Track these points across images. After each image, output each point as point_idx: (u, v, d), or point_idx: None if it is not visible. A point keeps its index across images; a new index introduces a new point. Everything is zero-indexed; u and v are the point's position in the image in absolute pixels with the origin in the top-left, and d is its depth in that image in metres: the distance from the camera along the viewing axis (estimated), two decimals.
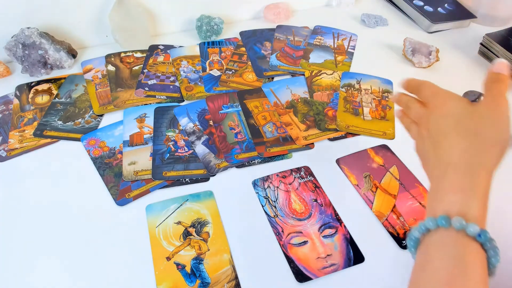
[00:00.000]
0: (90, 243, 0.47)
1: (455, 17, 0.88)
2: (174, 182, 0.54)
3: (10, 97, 0.66)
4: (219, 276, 0.45)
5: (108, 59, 0.74)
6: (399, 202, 0.53)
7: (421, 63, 0.76)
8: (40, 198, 0.52)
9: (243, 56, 0.76)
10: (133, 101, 0.66)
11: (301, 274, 0.45)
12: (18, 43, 0.67)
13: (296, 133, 0.61)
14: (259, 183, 0.55)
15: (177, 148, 0.58)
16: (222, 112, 0.64)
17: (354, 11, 0.93)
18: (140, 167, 0.55)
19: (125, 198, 0.52)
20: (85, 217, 0.50)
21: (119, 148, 0.58)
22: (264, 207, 0.52)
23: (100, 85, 0.68)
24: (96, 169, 0.55)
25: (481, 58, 0.80)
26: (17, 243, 0.47)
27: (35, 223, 0.49)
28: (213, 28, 0.79)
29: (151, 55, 0.75)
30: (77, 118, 0.63)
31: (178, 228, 0.49)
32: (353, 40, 0.82)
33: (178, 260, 0.46)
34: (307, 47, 0.79)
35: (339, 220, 0.50)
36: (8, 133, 0.60)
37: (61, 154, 0.58)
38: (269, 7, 0.87)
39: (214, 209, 0.51)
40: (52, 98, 0.66)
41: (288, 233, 0.49)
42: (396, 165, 0.58)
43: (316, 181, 0.55)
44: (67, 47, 0.72)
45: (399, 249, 0.48)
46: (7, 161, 0.56)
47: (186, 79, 0.70)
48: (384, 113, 0.66)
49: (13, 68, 0.72)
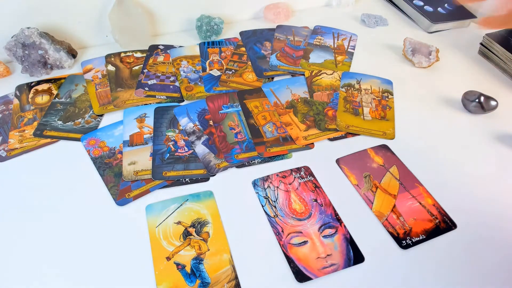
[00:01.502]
0: (90, 243, 0.47)
1: (455, 17, 0.88)
2: (174, 182, 0.54)
3: (10, 97, 0.66)
4: (219, 276, 0.45)
5: (108, 59, 0.74)
6: (399, 202, 0.53)
7: (421, 63, 0.76)
8: (40, 198, 0.52)
9: (243, 56, 0.76)
10: (133, 101, 0.66)
11: (301, 274, 0.45)
12: (18, 43, 0.67)
13: (296, 133, 0.61)
14: (259, 183, 0.55)
15: (177, 148, 0.58)
16: (222, 112, 0.64)
17: (354, 11, 0.93)
18: (140, 167, 0.55)
19: (125, 198, 0.52)
20: (85, 217, 0.50)
21: (119, 148, 0.58)
22: (264, 207, 0.52)
23: (100, 85, 0.68)
24: (96, 169, 0.55)
25: (481, 58, 0.80)
26: (17, 243, 0.47)
27: (35, 223, 0.49)
28: (213, 28, 0.79)
29: (151, 55, 0.75)
30: (77, 118, 0.63)
31: (178, 228, 0.49)
32: (353, 40, 0.82)
33: (178, 260, 0.46)
34: (307, 47, 0.79)
35: (339, 220, 0.50)
36: (8, 133, 0.60)
37: (61, 154, 0.58)
38: (269, 7, 0.87)
39: (214, 209, 0.51)
40: (52, 98, 0.66)
41: (288, 233, 0.49)
42: (396, 165, 0.58)
43: (316, 181, 0.55)
44: (67, 47, 0.72)
45: (399, 249, 0.48)
46: (7, 161, 0.56)
47: (186, 79, 0.70)
48: (384, 113, 0.66)
49: (13, 68, 0.72)
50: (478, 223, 0.51)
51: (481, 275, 0.46)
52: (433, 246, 0.48)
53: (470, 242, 0.49)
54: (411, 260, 0.47)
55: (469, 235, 0.49)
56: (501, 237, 0.50)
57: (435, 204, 0.53)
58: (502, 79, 0.75)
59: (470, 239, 0.49)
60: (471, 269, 0.46)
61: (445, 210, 0.52)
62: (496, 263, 0.47)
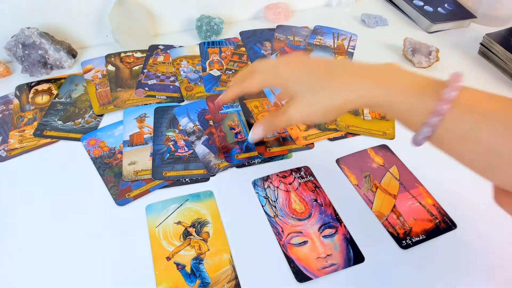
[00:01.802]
0: (90, 243, 0.47)
1: (455, 17, 0.88)
2: (174, 182, 0.54)
3: (10, 97, 0.66)
4: (219, 276, 0.45)
5: (108, 59, 0.74)
6: (399, 202, 0.53)
7: (421, 63, 0.76)
8: (40, 198, 0.52)
9: (243, 56, 0.76)
10: (133, 101, 0.66)
11: (301, 274, 0.45)
12: (18, 43, 0.67)
13: (296, 133, 0.61)
14: (259, 183, 0.55)
15: (177, 148, 0.58)
16: (222, 112, 0.64)
17: (354, 11, 0.93)
18: (140, 167, 0.55)
19: (125, 198, 0.52)
20: (85, 217, 0.50)
21: (119, 148, 0.58)
22: (264, 207, 0.52)
23: (100, 85, 0.68)
24: (96, 169, 0.55)
25: (481, 58, 0.80)
26: (16, 243, 0.47)
27: (34, 223, 0.49)
28: (213, 28, 0.79)
29: (151, 55, 0.75)
30: (77, 118, 0.63)
31: (178, 228, 0.49)
32: (353, 40, 0.82)
33: (178, 260, 0.46)
34: (307, 47, 0.79)
35: (339, 220, 0.50)
36: (8, 133, 0.60)
37: (61, 154, 0.58)
38: (269, 7, 0.87)
39: (214, 209, 0.51)
40: (52, 98, 0.66)
41: (288, 233, 0.49)
42: (396, 165, 0.58)
43: (316, 181, 0.55)
44: (67, 47, 0.72)
45: (399, 249, 0.48)
46: (7, 161, 0.56)
47: (186, 79, 0.70)
48: None
49: (13, 68, 0.72)
50: (478, 223, 0.51)
51: (481, 275, 0.46)
52: (433, 246, 0.48)
53: (470, 242, 0.49)
54: (411, 260, 0.47)
55: (469, 235, 0.49)
56: (501, 237, 0.50)
57: (435, 204, 0.53)
58: (502, 79, 0.75)
59: (470, 239, 0.49)
60: (471, 269, 0.46)
61: (445, 210, 0.52)
62: (496, 263, 0.47)
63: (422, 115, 0.35)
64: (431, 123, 0.34)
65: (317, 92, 0.40)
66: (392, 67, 0.39)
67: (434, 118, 0.34)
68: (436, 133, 0.35)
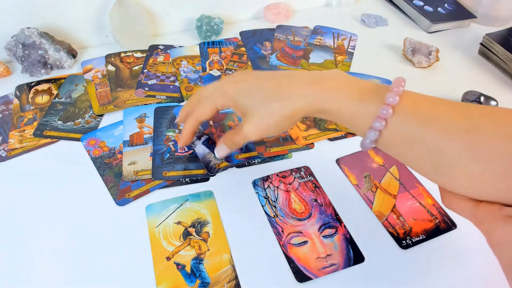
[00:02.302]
0: (89, 243, 0.47)
1: (455, 17, 0.88)
2: (174, 182, 0.54)
3: (10, 97, 0.66)
4: (219, 276, 0.45)
5: (108, 59, 0.74)
6: (399, 202, 0.53)
7: (421, 63, 0.76)
8: (39, 198, 0.52)
9: (243, 56, 0.76)
10: (133, 101, 0.66)
11: (301, 274, 0.45)
12: (18, 43, 0.67)
13: (296, 133, 0.61)
14: (259, 183, 0.55)
15: (177, 148, 0.58)
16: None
17: (354, 11, 0.93)
18: (140, 167, 0.55)
19: (125, 198, 0.52)
20: (85, 217, 0.50)
21: (119, 148, 0.58)
22: (264, 207, 0.52)
23: (100, 85, 0.68)
24: (96, 169, 0.55)
25: (481, 58, 0.80)
26: (16, 243, 0.47)
27: (34, 223, 0.49)
28: (213, 28, 0.79)
29: (151, 55, 0.75)
30: (77, 118, 0.63)
31: (178, 228, 0.49)
32: (353, 40, 0.82)
33: (178, 260, 0.46)
34: (307, 47, 0.79)
35: (339, 220, 0.50)
36: (8, 133, 0.60)
37: (61, 154, 0.58)
38: (269, 7, 0.87)
39: (214, 209, 0.51)
40: (52, 98, 0.66)
41: (288, 233, 0.49)
42: (396, 165, 0.58)
43: (316, 181, 0.55)
44: (67, 47, 0.72)
45: (399, 249, 0.48)
46: (7, 161, 0.56)
47: (186, 79, 0.70)
48: None
49: (13, 68, 0.72)
50: None
51: (481, 275, 0.46)
52: (433, 246, 0.48)
53: (470, 242, 0.49)
54: (411, 260, 0.47)
55: (469, 235, 0.49)
56: None
57: (435, 204, 0.53)
58: (502, 79, 0.75)
59: (470, 239, 0.49)
60: (471, 269, 0.46)
61: (445, 210, 0.52)
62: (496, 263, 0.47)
63: (367, 120, 0.37)
64: (376, 127, 0.36)
65: (267, 104, 0.41)
66: (337, 74, 0.41)
67: (378, 122, 0.35)
68: (382, 137, 0.36)
